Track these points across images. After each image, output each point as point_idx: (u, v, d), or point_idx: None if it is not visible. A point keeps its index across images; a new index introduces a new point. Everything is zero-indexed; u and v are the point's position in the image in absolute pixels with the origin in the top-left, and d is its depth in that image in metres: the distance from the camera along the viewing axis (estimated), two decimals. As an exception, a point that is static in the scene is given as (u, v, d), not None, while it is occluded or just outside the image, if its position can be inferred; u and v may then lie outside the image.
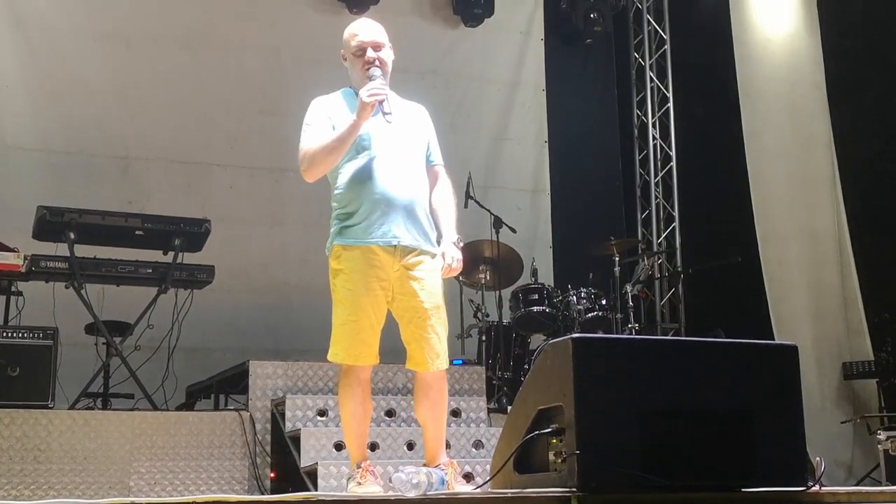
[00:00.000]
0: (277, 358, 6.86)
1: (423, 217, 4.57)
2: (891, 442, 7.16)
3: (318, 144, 4.51)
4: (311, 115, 4.65)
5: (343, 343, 4.44)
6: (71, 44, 8.59)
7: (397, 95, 4.74)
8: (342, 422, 4.66)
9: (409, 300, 4.49)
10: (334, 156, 4.49)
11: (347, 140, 4.45)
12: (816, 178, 9.76)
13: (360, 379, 4.50)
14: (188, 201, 8.40)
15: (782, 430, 3.75)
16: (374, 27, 4.68)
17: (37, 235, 6.74)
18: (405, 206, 4.49)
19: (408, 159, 4.59)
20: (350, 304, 4.43)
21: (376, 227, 4.44)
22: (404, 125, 4.61)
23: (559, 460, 3.53)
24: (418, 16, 9.94)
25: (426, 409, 4.65)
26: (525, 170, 10.23)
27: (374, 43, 4.60)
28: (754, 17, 10.08)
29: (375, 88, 4.40)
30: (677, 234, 10.49)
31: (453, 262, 4.56)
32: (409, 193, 4.52)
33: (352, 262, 4.44)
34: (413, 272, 4.48)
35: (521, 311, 8.11)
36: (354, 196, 4.48)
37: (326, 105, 4.66)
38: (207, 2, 9.11)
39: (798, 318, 9.36)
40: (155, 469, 5.96)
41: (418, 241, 4.52)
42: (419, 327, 4.49)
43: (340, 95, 4.72)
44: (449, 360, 4.63)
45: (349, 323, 4.43)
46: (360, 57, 4.59)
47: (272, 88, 9.19)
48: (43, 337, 6.15)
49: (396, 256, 4.46)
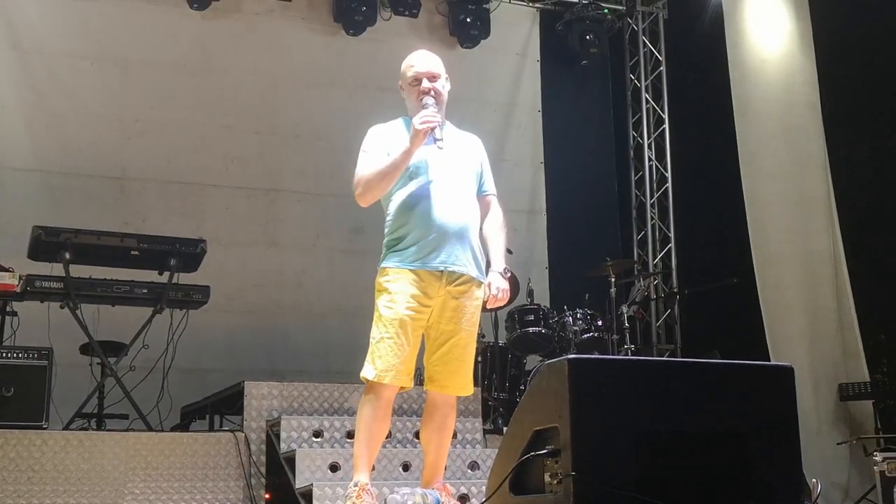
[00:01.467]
0: (273, 379, 6.84)
1: (473, 245, 4.63)
2: (887, 463, 7.13)
3: (373, 170, 4.57)
4: (368, 143, 4.71)
5: (380, 359, 4.44)
6: (68, 66, 8.64)
7: (452, 125, 4.85)
8: (356, 436, 4.61)
9: (448, 324, 4.55)
10: (387, 181, 4.56)
11: (400, 166, 4.52)
12: (812, 200, 9.76)
13: (383, 397, 4.50)
14: (184, 222, 8.42)
15: (779, 451, 3.74)
16: (431, 59, 4.78)
17: (32, 255, 6.73)
18: (456, 234, 4.55)
19: (460, 187, 4.66)
20: (390, 322, 4.45)
21: (426, 253, 4.50)
22: (457, 153, 4.70)
23: (555, 482, 3.52)
24: (415, 37, 9.96)
25: (431, 432, 4.67)
26: (521, 191, 10.24)
27: (429, 74, 4.69)
28: (749, 39, 10.11)
29: (428, 116, 4.49)
30: (673, 256, 10.51)
31: (499, 292, 4.62)
32: (460, 220, 4.58)
33: (398, 283, 4.49)
34: (458, 299, 4.55)
35: (517, 332, 8.10)
36: (406, 221, 4.55)
37: (383, 133, 4.73)
38: (204, 24, 9.15)
39: (794, 339, 9.35)
40: (149, 490, 5.93)
41: (466, 268, 4.57)
42: (452, 352, 4.56)
43: (398, 123, 4.78)
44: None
45: (386, 340, 4.44)
46: (416, 87, 4.67)
47: (268, 109, 9.23)
48: (37, 357, 6.13)
49: (443, 281, 4.52)
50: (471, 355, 4.64)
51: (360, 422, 4.55)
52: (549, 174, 10.43)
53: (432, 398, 4.64)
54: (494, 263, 4.71)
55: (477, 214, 4.74)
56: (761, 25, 10.15)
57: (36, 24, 8.57)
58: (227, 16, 9.27)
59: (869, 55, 9.14)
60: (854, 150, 9.46)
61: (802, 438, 3.84)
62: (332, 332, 8.87)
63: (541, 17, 10.81)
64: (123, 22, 8.86)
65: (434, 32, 10.13)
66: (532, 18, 10.79)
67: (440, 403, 4.63)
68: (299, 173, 9.28)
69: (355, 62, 9.59)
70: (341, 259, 9.17)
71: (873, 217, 9.18)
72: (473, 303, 4.60)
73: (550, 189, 10.41)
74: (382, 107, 4.87)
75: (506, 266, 4.72)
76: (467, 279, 4.57)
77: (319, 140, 9.29)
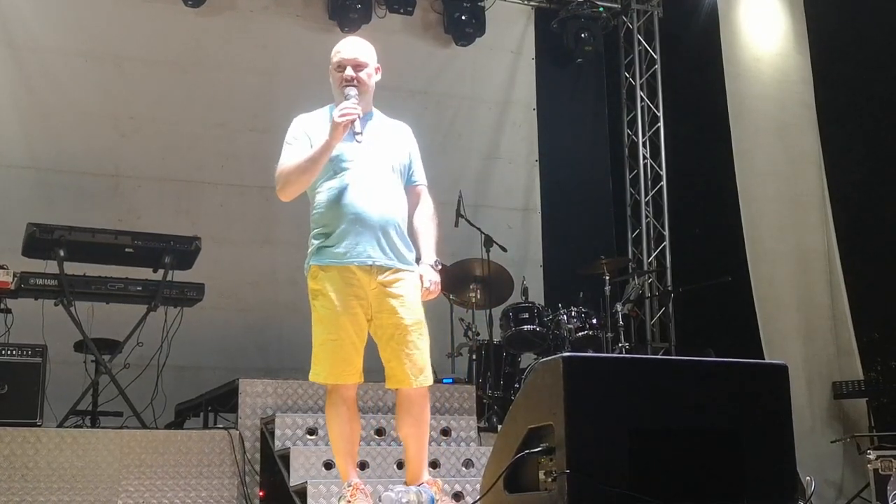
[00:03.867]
0: (267, 376, 6.83)
1: (398, 237, 4.55)
2: (880, 461, 7.15)
3: (293, 164, 4.49)
4: (291, 133, 4.63)
5: (324, 362, 4.43)
6: (62, 63, 8.63)
7: (381, 113, 4.75)
8: (331, 442, 4.64)
9: (388, 317, 4.48)
10: (307, 175, 4.47)
11: (320, 160, 4.44)
12: (806, 198, 9.79)
13: (344, 398, 4.49)
14: (178, 220, 8.41)
15: (772, 449, 3.75)
16: (360, 45, 4.64)
17: (26, 253, 6.72)
18: (380, 226, 4.47)
19: (384, 179, 4.57)
20: (329, 322, 4.42)
21: (352, 248, 4.43)
22: (383, 144, 4.60)
23: (549, 479, 3.52)
24: (410, 34, 9.98)
25: (408, 427, 4.61)
26: (516, 189, 10.25)
27: (354, 61, 4.56)
28: (744, 37, 10.13)
29: (347, 108, 4.39)
30: (667, 254, 10.52)
31: (430, 284, 4.56)
32: (384, 213, 4.50)
33: (329, 281, 4.44)
34: (391, 289, 4.48)
35: (512, 330, 8.10)
36: (331, 216, 4.48)
37: (307, 123, 4.65)
38: (198, 21, 9.14)
39: (788, 337, 9.37)
40: (143, 488, 5.92)
41: (393, 261, 4.50)
42: (400, 343, 4.47)
43: (324, 112, 4.69)
44: (437, 377, 4.61)
45: (329, 342, 4.42)
46: (339, 73, 4.57)
47: (263, 107, 9.21)
48: (31, 354, 6.13)
49: (373, 275, 4.45)
50: (422, 344, 4.50)
51: (332, 426, 4.54)
52: (543, 172, 10.43)
53: (402, 393, 4.56)
54: (425, 256, 4.63)
55: (404, 206, 4.63)
56: (756, 24, 10.18)
57: (30, 21, 8.55)
58: (222, 13, 9.27)
59: (863, 53, 9.16)
60: (848, 149, 9.49)
61: (796, 436, 3.85)
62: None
63: (536, 14, 10.81)
64: (118, 19, 8.85)
65: (429, 30, 10.13)
66: (527, 16, 10.78)
67: (414, 396, 4.53)
68: (294, 171, 9.26)
69: (350, 59, 9.57)
70: (336, 257, 9.16)
71: (867, 215, 9.21)
72: (410, 291, 4.50)
73: (545, 187, 10.41)
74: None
75: (436, 258, 4.63)
76: (396, 270, 4.49)
77: (314, 138, 9.28)
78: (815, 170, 9.81)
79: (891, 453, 7.18)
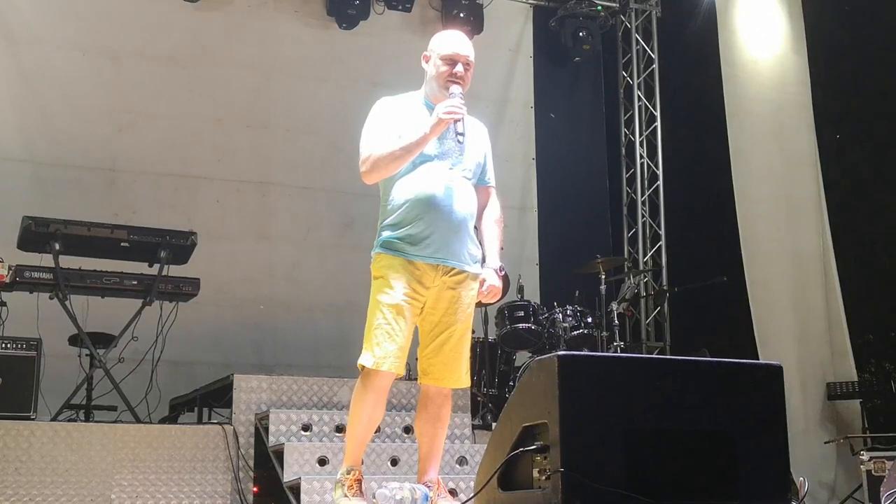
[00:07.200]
0: (262, 372, 6.83)
1: (468, 237, 4.54)
2: (873, 462, 7.18)
3: (384, 150, 4.41)
4: (378, 117, 4.56)
5: (378, 346, 4.32)
6: (59, 57, 8.61)
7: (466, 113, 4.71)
8: (349, 423, 4.54)
9: (443, 316, 4.47)
10: (398, 163, 4.42)
11: (414, 151, 4.39)
12: (802, 200, 9.80)
13: (377, 386, 4.40)
14: (174, 215, 8.39)
15: (766, 449, 3.75)
16: (470, 45, 4.59)
17: (22, 246, 6.71)
18: (455, 228, 4.46)
19: (462, 178, 4.54)
20: (387, 308, 4.36)
21: (423, 243, 4.40)
22: (466, 143, 4.52)
23: (543, 477, 3.53)
24: (407, 31, 9.96)
25: (425, 423, 4.59)
26: (512, 187, 10.24)
27: (466, 59, 4.52)
28: (742, 38, 10.14)
29: (454, 107, 4.35)
30: (663, 253, 10.53)
31: (487, 290, 4.56)
32: (459, 213, 4.47)
33: (393, 270, 4.39)
34: (454, 289, 4.47)
35: (507, 328, 8.10)
36: (406, 209, 4.43)
37: (394, 107, 4.58)
38: (196, 16, 9.12)
39: (782, 338, 9.38)
40: (137, 482, 5.93)
41: (462, 262, 4.49)
42: (448, 344, 4.48)
43: (412, 100, 4.63)
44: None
45: (383, 326, 4.34)
46: (447, 67, 4.49)
47: (260, 102, 9.21)
48: (26, 348, 6.12)
49: (438, 272, 4.43)
50: (466, 347, 4.54)
51: (356, 410, 4.46)
52: (540, 170, 10.44)
53: (426, 390, 4.57)
54: (490, 260, 4.62)
55: (475, 206, 4.62)
56: (754, 25, 10.18)
57: (27, 15, 8.53)
58: (220, 8, 9.24)
59: (861, 56, 9.17)
60: (845, 151, 9.50)
61: (790, 437, 3.85)
62: (321, 326, 8.88)
63: (534, 13, 10.82)
64: (115, 13, 8.83)
65: (427, 27, 10.10)
66: (525, 14, 10.79)
67: (434, 394, 4.55)
68: (291, 167, 9.27)
69: (348, 56, 9.58)
70: (332, 253, 9.17)
71: (862, 217, 9.21)
72: (469, 294, 4.52)
73: (541, 185, 10.41)
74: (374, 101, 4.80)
75: (501, 264, 4.63)
76: (461, 272, 4.49)
77: (311, 134, 9.28)
78: (812, 171, 9.81)
79: (884, 455, 7.21)
